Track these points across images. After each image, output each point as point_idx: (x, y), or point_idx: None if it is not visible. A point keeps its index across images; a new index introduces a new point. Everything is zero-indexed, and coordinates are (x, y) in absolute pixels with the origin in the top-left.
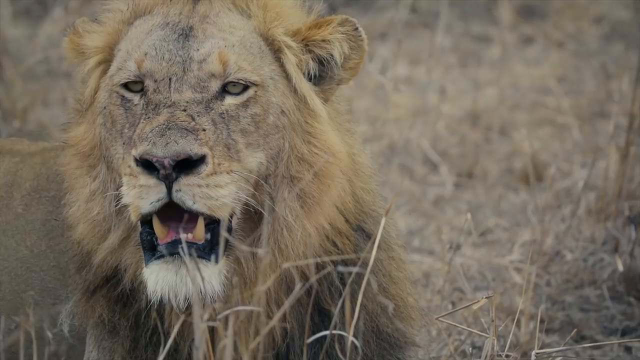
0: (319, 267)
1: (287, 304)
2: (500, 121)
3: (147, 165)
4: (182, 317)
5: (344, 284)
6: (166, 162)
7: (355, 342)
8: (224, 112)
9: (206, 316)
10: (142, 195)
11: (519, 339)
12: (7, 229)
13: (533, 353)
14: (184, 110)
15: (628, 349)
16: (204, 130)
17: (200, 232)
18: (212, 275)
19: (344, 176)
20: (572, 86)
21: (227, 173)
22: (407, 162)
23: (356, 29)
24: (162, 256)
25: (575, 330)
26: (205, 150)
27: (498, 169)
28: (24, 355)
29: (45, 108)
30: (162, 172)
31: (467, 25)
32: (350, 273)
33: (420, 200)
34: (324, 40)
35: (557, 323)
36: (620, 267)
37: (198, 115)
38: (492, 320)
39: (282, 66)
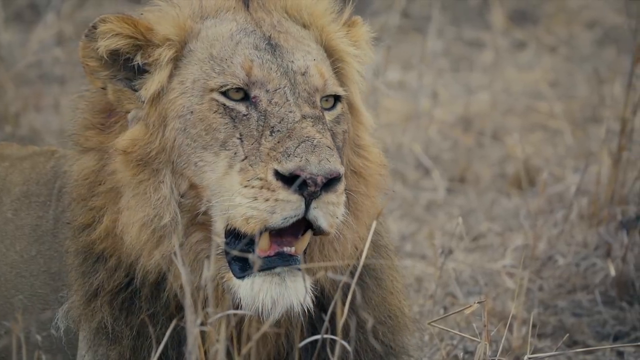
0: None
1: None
2: (493, 126)
3: (291, 180)
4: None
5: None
6: (319, 179)
7: (347, 346)
8: (330, 128)
9: (199, 321)
10: (275, 209)
11: (511, 343)
12: None
13: (525, 358)
14: (313, 126)
15: (620, 354)
16: (334, 147)
17: (302, 246)
18: (305, 287)
19: (386, 185)
20: (565, 91)
21: (344, 191)
22: (400, 167)
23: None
24: (267, 268)
25: (568, 335)
26: (343, 169)
27: (490, 173)
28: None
29: (38, 113)
30: (311, 188)
31: (459, 30)
32: (352, 278)
33: (412, 205)
34: (357, 41)
35: (549, 328)
36: (613, 272)
37: (324, 131)
38: (485, 325)
39: (338, 77)
